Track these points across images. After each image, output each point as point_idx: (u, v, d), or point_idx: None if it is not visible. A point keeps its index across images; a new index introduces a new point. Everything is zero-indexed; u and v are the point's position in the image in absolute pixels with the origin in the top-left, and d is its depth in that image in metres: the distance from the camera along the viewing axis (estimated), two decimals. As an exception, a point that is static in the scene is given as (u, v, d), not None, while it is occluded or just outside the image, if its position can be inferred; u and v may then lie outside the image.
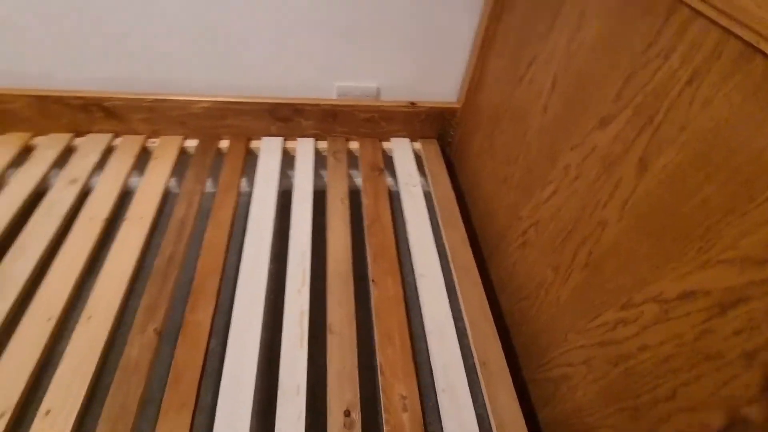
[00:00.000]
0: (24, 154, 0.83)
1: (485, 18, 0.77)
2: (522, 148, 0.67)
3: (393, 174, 0.93)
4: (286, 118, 0.90)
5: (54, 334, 0.58)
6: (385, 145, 0.96)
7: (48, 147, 0.83)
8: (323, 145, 0.94)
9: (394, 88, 0.91)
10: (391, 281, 0.69)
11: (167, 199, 0.80)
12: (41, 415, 0.51)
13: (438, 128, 0.97)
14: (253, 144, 0.92)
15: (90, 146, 0.84)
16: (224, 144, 0.91)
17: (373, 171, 0.89)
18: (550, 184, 0.59)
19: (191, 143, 0.90)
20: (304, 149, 0.92)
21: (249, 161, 0.90)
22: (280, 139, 0.93)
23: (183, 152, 0.89)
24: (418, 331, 0.70)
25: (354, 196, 0.84)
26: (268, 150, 0.90)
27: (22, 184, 0.76)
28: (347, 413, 0.54)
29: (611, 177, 0.46)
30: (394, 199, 0.93)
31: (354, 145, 0.95)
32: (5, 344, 0.56)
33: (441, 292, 0.68)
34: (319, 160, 0.94)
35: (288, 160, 0.93)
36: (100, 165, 0.82)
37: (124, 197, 0.79)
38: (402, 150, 0.95)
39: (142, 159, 0.86)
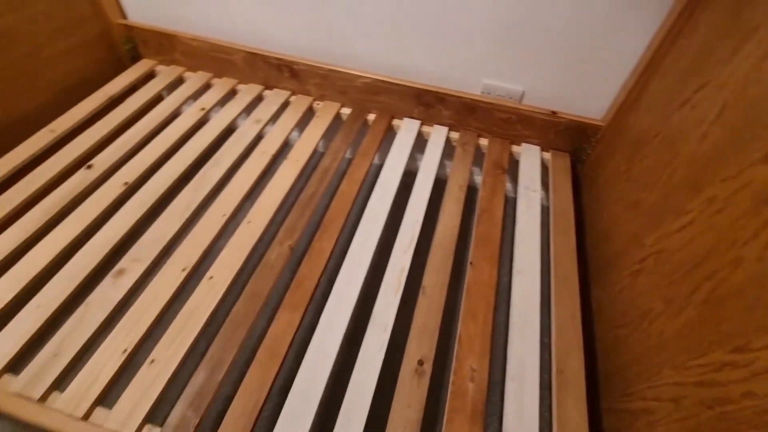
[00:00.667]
0: (230, 95, 1.08)
1: (658, 39, 0.74)
2: (664, 174, 0.64)
3: (514, 180, 0.95)
4: (429, 104, 0.99)
5: (223, 227, 0.77)
6: (514, 148, 0.99)
7: (246, 93, 1.06)
8: (455, 135, 1.01)
9: (539, 94, 0.92)
10: (488, 268, 0.73)
11: (317, 151, 0.96)
12: (206, 278, 0.69)
13: (574, 142, 0.95)
14: (395, 122, 1.04)
15: (273, 98, 1.06)
16: (371, 117, 1.04)
17: (495, 168, 0.93)
18: (687, 215, 0.56)
19: (346, 111, 1.05)
20: (437, 136, 1.00)
21: (388, 136, 1.02)
22: (418, 122, 1.03)
23: (338, 117, 1.05)
24: (502, 321, 0.73)
25: (471, 192, 0.89)
26: (407, 130, 1.01)
27: (224, 117, 1.00)
28: (420, 362, 0.61)
29: (761, 215, 0.43)
30: (509, 204, 0.96)
31: (483, 141, 1.00)
32: (193, 225, 0.77)
33: (534, 293, 0.70)
34: (447, 150, 1.01)
35: (420, 143, 1.02)
36: (277, 114, 1.03)
37: (288, 142, 0.98)
38: (530, 156, 0.96)
39: (307, 116, 1.04)
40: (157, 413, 0.56)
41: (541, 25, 0.82)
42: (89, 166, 0.84)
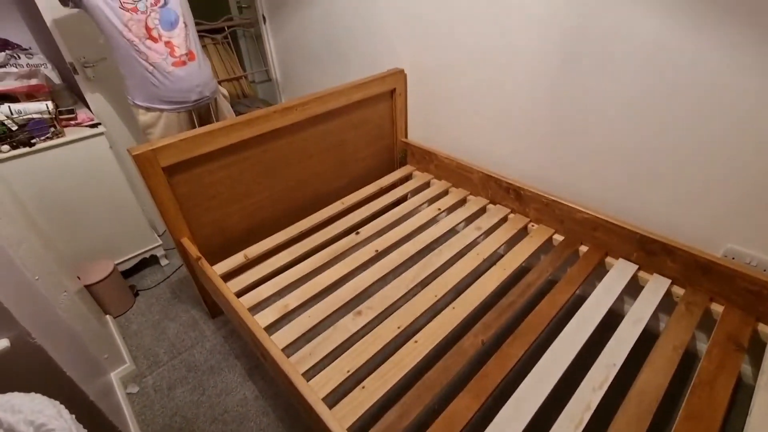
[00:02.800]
0: (460, 203, 1.34)
1: None
2: None
3: (755, 363, 0.80)
4: (652, 252, 0.98)
5: (433, 305, 0.95)
6: (762, 327, 0.84)
7: (474, 203, 1.30)
8: (678, 291, 0.95)
9: (809, 276, 0.79)
10: (697, 450, 0.64)
11: (523, 265, 1.07)
12: (412, 341, 0.86)
13: None
14: (608, 259, 1.05)
15: (495, 212, 1.25)
16: (583, 248, 1.09)
17: (729, 342, 0.81)
18: None
19: (558, 237, 1.14)
20: (656, 286, 0.96)
21: (597, 270, 1.04)
22: (635, 266, 1.01)
23: (549, 240, 1.15)
24: None
25: (686, 357, 0.79)
26: (619, 271, 1.01)
27: (453, 219, 1.24)
28: None
29: None
30: (742, 389, 0.80)
31: (717, 308, 0.90)
32: (412, 295, 0.98)
33: None
34: (665, 303, 0.94)
35: (633, 287, 0.99)
36: (496, 226, 1.20)
37: (499, 251, 1.13)
38: (785, 343, 0.80)
39: (521, 233, 1.18)
40: (356, 428, 0.73)
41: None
42: (357, 233, 1.20)
